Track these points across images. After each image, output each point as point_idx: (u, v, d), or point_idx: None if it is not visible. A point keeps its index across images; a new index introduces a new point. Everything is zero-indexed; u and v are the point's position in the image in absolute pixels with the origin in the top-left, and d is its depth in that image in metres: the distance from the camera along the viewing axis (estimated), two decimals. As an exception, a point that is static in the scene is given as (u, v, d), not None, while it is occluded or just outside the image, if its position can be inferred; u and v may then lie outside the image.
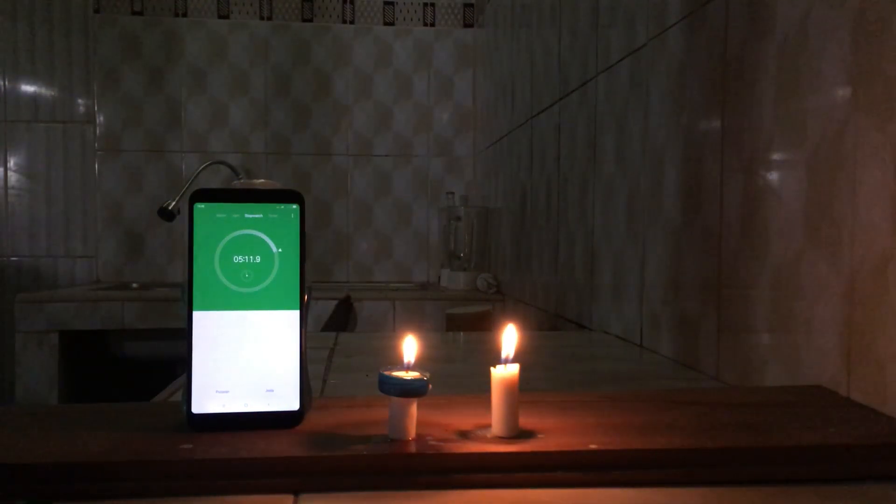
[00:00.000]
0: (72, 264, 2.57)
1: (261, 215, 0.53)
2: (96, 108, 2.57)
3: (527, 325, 1.80)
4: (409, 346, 0.51)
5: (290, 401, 0.52)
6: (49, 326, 2.05)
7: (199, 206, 0.52)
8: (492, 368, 0.51)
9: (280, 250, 0.53)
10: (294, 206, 0.53)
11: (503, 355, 0.51)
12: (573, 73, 1.44)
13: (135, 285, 2.50)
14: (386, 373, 0.49)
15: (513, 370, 0.50)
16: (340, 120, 2.66)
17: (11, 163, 2.54)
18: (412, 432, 0.49)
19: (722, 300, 0.84)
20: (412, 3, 2.67)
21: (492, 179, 2.34)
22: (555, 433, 0.50)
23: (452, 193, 2.49)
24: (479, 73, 2.61)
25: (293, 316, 0.53)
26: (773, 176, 0.74)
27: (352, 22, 2.65)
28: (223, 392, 0.51)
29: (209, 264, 0.52)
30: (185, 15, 2.59)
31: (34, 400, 2.03)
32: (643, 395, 0.66)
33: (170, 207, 2.19)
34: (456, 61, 2.69)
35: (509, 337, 0.52)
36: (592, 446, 0.48)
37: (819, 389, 0.65)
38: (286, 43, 2.63)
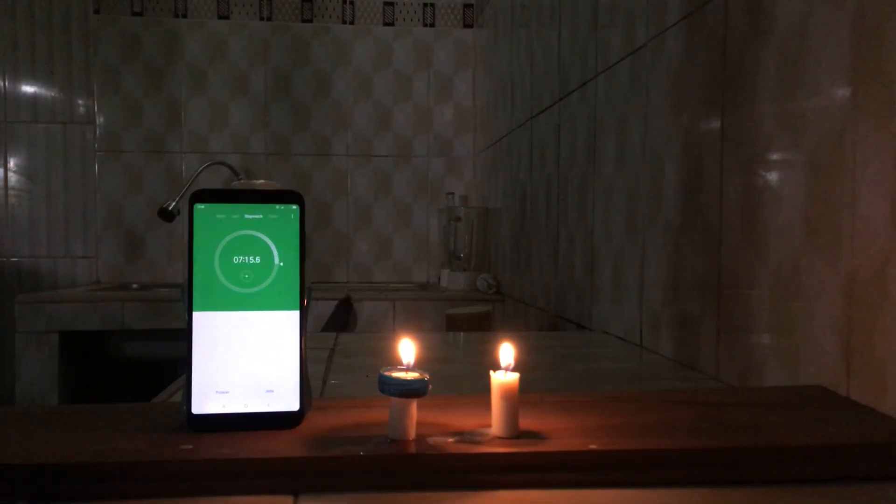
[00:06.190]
0: (72, 265, 2.57)
1: (261, 216, 0.53)
2: (96, 109, 2.57)
3: (527, 326, 1.80)
4: (406, 349, 0.51)
5: (289, 401, 0.52)
6: (49, 327, 2.05)
7: (199, 206, 0.52)
8: (492, 372, 0.51)
9: (280, 251, 0.53)
10: (294, 207, 0.53)
11: (503, 365, 0.51)
12: (573, 73, 1.44)
13: (135, 286, 2.50)
14: (386, 373, 0.49)
15: (513, 376, 0.50)
16: (340, 120, 2.66)
17: (11, 163, 2.54)
18: (412, 433, 0.49)
19: (722, 300, 0.84)
20: (412, 4, 2.67)
21: (492, 180, 2.34)
22: (555, 434, 0.50)
23: (452, 194, 2.49)
24: (479, 74, 2.61)
25: (293, 316, 0.53)
26: (773, 176, 0.74)
27: (352, 22, 2.65)
28: (223, 392, 0.51)
29: (209, 265, 0.52)
30: (185, 15, 2.59)
31: (34, 400, 2.03)
32: (643, 395, 0.66)
33: (170, 208, 2.19)
34: (456, 61, 2.69)
35: (506, 352, 0.51)
36: (592, 447, 0.48)
37: (819, 389, 0.65)
38: (286, 43, 2.63)
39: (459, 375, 0.90)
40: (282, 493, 0.45)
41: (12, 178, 2.54)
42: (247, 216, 0.52)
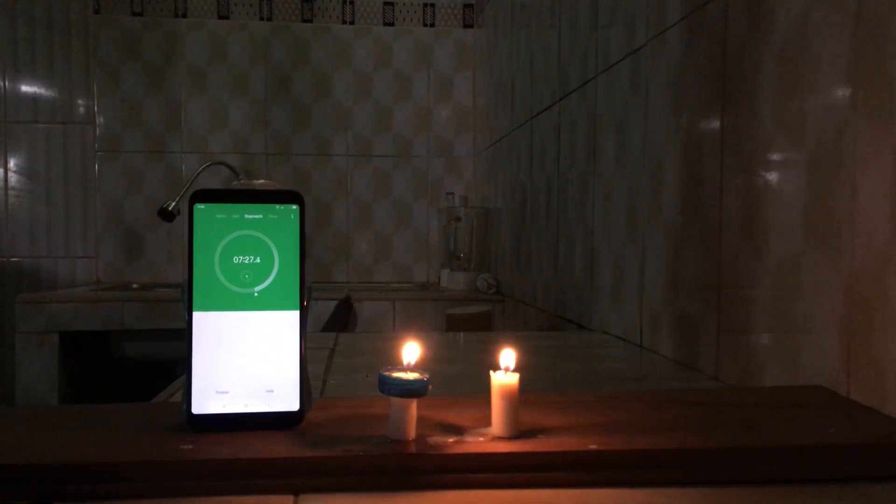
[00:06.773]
0: (72, 265, 2.57)
1: (261, 216, 0.53)
2: (96, 109, 2.57)
3: (527, 326, 1.80)
4: (411, 352, 0.51)
5: (289, 401, 0.52)
6: (49, 327, 2.05)
7: (199, 206, 0.52)
8: (491, 373, 0.51)
9: (280, 251, 0.53)
10: (294, 207, 0.53)
11: (503, 366, 0.51)
12: (573, 73, 1.44)
13: (135, 286, 2.50)
14: (386, 373, 0.49)
15: (513, 376, 0.50)
16: (340, 120, 2.66)
17: (11, 163, 2.54)
18: (412, 433, 0.49)
19: (722, 300, 0.84)
20: (412, 4, 2.67)
21: (492, 179, 2.34)
22: (555, 433, 0.50)
23: (452, 194, 2.49)
24: (479, 74, 2.61)
25: (293, 316, 0.53)
26: (773, 176, 0.74)
27: (352, 22, 2.65)
28: (223, 392, 0.51)
29: (209, 265, 0.52)
30: (185, 15, 2.59)
31: (34, 400, 2.03)
32: (643, 395, 0.66)
33: (170, 208, 2.19)
34: (456, 61, 2.69)
35: (507, 357, 0.51)
36: (592, 446, 0.48)
37: (819, 389, 0.65)
38: (286, 43, 2.63)
39: (459, 375, 0.90)
40: (282, 493, 0.45)
41: (12, 178, 2.54)
42: (247, 216, 0.52)
